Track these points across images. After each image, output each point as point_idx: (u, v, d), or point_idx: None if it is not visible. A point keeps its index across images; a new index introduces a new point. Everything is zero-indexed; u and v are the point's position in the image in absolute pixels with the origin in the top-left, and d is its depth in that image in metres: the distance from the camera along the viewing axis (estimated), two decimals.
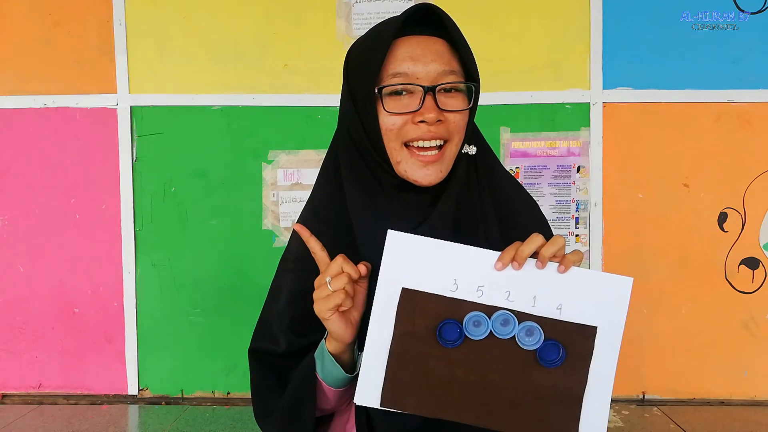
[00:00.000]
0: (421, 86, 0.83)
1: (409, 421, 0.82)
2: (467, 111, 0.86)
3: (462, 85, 0.85)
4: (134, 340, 2.68)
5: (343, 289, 0.79)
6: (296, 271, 0.93)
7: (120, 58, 2.65)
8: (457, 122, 0.85)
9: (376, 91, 0.84)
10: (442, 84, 0.83)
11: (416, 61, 0.83)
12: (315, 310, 0.81)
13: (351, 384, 0.87)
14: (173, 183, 2.68)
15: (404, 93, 0.84)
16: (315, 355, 0.87)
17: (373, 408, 0.82)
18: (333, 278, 0.79)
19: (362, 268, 0.81)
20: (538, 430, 0.76)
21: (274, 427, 0.92)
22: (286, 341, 0.93)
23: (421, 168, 0.84)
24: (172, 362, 2.70)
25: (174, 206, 2.68)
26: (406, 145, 0.85)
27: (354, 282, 0.81)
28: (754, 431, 2.35)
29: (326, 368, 0.86)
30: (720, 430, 2.35)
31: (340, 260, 0.80)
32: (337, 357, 0.85)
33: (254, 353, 0.98)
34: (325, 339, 0.86)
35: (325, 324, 0.82)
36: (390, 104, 0.84)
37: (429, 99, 0.82)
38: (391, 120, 0.84)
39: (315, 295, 0.81)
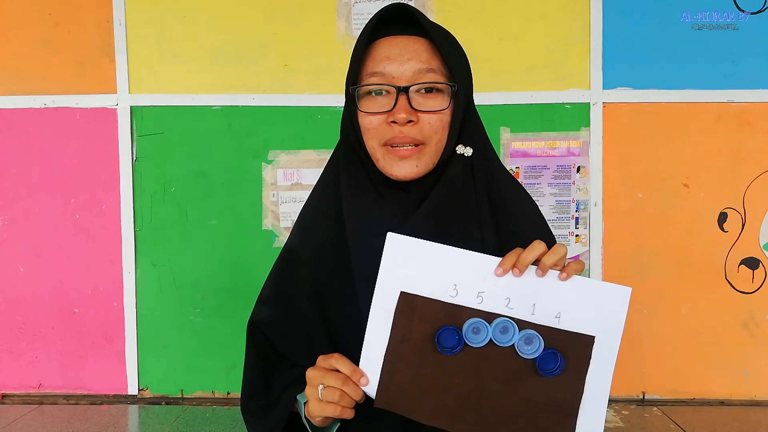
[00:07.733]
0: (394, 86, 0.82)
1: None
2: (446, 111, 0.84)
3: (442, 85, 0.84)
4: (134, 340, 2.68)
5: (333, 402, 0.77)
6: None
7: (120, 58, 2.65)
8: (432, 123, 0.83)
9: (355, 90, 0.85)
10: (416, 84, 0.82)
11: (392, 60, 0.83)
12: (308, 409, 0.80)
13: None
14: (173, 183, 2.68)
15: (383, 93, 0.84)
16: (298, 397, 0.86)
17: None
18: (324, 388, 0.77)
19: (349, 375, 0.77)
20: None
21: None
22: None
23: (397, 162, 0.84)
24: (172, 362, 2.70)
25: (174, 206, 2.68)
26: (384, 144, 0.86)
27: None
28: (754, 431, 2.35)
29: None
30: (720, 430, 2.35)
31: (320, 361, 0.79)
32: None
33: (252, 328, 0.98)
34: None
35: (313, 421, 0.81)
36: (366, 104, 0.85)
37: (402, 99, 0.82)
38: (367, 120, 0.85)
39: (307, 392, 0.80)
